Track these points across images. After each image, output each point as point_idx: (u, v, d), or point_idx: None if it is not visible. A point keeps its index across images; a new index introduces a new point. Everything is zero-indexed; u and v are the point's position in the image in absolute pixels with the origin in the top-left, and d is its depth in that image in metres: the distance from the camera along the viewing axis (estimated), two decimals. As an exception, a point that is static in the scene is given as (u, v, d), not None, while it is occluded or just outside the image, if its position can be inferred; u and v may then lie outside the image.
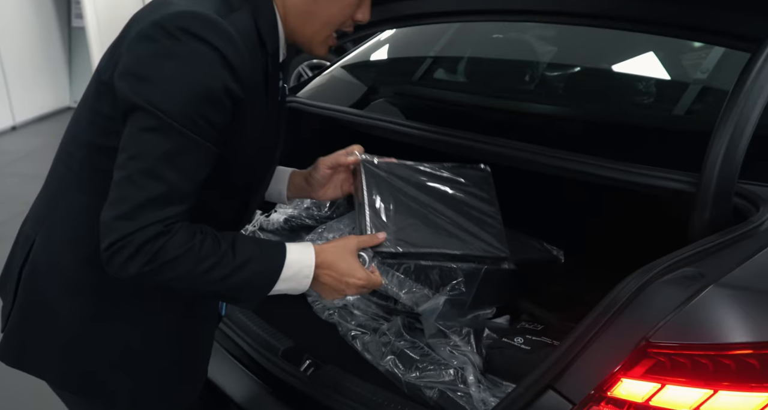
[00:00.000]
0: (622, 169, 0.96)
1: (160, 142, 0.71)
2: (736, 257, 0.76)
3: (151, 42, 0.71)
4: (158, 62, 0.71)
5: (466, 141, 1.16)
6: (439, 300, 1.12)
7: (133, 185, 0.71)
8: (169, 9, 0.73)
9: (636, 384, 0.70)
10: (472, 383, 1.01)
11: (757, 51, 0.84)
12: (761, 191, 0.86)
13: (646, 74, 1.37)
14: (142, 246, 0.71)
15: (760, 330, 0.70)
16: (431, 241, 1.02)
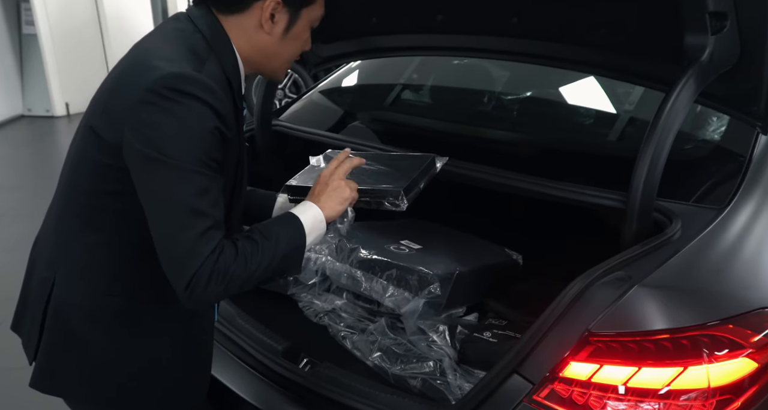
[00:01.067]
0: (565, 189, 1.16)
1: (187, 188, 0.82)
2: (655, 262, 0.95)
3: (151, 106, 0.82)
4: (163, 123, 0.82)
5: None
6: (418, 303, 1.29)
7: (183, 229, 0.81)
8: (156, 73, 0.82)
9: (581, 365, 0.88)
10: (449, 372, 1.18)
11: (669, 93, 1.03)
12: (674, 207, 1.06)
13: (587, 101, 1.58)
14: (210, 276, 0.81)
15: (673, 318, 0.89)
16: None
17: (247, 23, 0.92)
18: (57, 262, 0.96)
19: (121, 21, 6.52)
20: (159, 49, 0.88)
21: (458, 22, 1.40)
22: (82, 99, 6.02)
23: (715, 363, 0.85)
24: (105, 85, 0.93)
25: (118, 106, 0.85)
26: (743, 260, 0.98)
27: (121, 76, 0.89)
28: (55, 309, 0.95)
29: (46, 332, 0.96)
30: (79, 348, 0.95)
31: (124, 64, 0.92)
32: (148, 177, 0.83)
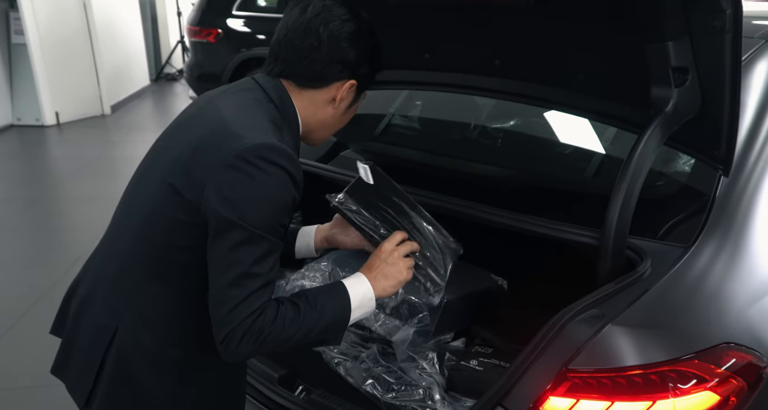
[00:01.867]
0: (544, 225, 1.23)
1: (253, 250, 0.88)
2: (627, 300, 1.02)
3: (237, 171, 0.87)
4: (246, 187, 0.87)
5: (421, 198, 1.41)
6: (408, 331, 1.36)
7: (236, 287, 0.87)
8: (244, 141, 0.88)
9: (559, 400, 0.95)
10: (438, 400, 1.24)
11: (638, 139, 1.11)
12: (644, 245, 1.13)
13: (566, 136, 1.66)
14: (244, 335, 0.87)
15: (643, 355, 0.96)
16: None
17: (319, 98, 1.01)
18: (120, 311, 0.98)
19: (111, 29, 6.53)
20: (241, 117, 0.94)
21: (444, 60, 1.47)
22: (72, 108, 6.05)
23: (681, 396, 0.93)
24: (175, 142, 0.99)
25: (201, 168, 0.90)
26: (707, 297, 1.06)
27: (202, 140, 0.93)
28: (117, 358, 0.98)
29: (106, 380, 0.99)
30: (138, 397, 0.99)
31: (201, 126, 0.96)
32: (219, 234, 0.88)
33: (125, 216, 1.03)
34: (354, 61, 1.00)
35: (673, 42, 1.05)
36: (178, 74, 8.24)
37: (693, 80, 1.07)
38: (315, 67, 0.98)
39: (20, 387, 2.21)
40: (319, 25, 0.97)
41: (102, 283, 1.03)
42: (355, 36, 0.98)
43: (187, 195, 0.92)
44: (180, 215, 0.93)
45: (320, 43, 0.97)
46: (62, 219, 3.93)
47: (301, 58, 0.98)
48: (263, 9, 5.61)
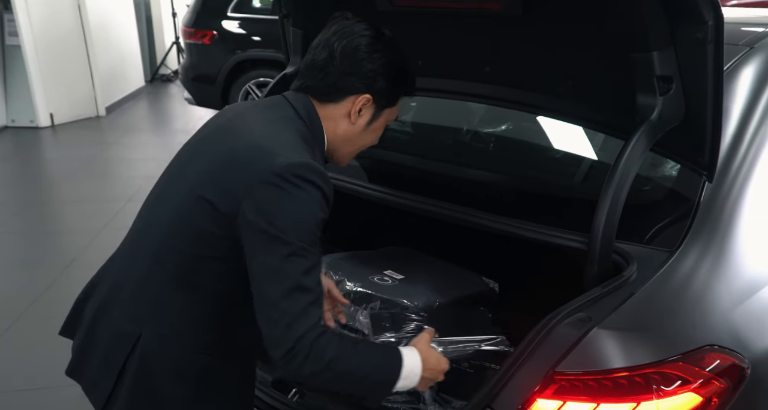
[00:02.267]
0: (534, 230, 1.25)
1: (299, 263, 0.90)
2: (613, 303, 1.04)
3: (276, 188, 0.90)
4: (285, 203, 0.90)
5: (417, 203, 1.43)
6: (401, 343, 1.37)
7: (288, 300, 0.88)
8: (281, 159, 0.91)
9: (547, 402, 0.97)
10: (429, 402, 1.27)
11: (624, 145, 1.13)
12: (631, 249, 1.16)
13: (556, 141, 1.68)
14: (311, 350, 0.88)
15: (629, 358, 0.98)
16: None
17: (337, 113, 1.05)
18: (145, 318, 1.00)
19: (106, 31, 6.52)
20: (274, 134, 0.98)
21: (435, 67, 1.49)
22: (67, 109, 6.05)
23: (665, 398, 0.95)
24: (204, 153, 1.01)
25: (238, 183, 0.93)
26: (691, 300, 1.08)
27: (235, 154, 0.96)
28: (140, 364, 0.99)
29: (128, 385, 0.99)
30: (159, 402, 1.00)
31: (232, 140, 0.99)
32: (262, 250, 0.90)
33: (150, 224, 1.04)
34: (367, 74, 1.02)
35: (657, 52, 1.07)
36: (173, 75, 8.23)
37: (677, 89, 1.09)
38: (329, 80, 1.02)
39: (15, 390, 2.22)
40: (336, 40, 1.01)
41: (124, 288, 1.04)
42: (370, 50, 1.01)
43: (222, 208, 0.94)
44: (212, 227, 0.95)
45: (334, 56, 1.01)
46: (57, 222, 3.93)
47: (318, 71, 1.02)
48: (258, 11, 5.61)
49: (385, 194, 1.48)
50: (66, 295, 3.07)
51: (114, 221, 3.70)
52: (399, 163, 1.73)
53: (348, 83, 1.02)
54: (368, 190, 1.51)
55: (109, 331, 1.03)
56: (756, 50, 1.42)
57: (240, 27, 5.50)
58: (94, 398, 1.05)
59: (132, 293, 1.03)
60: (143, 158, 5.10)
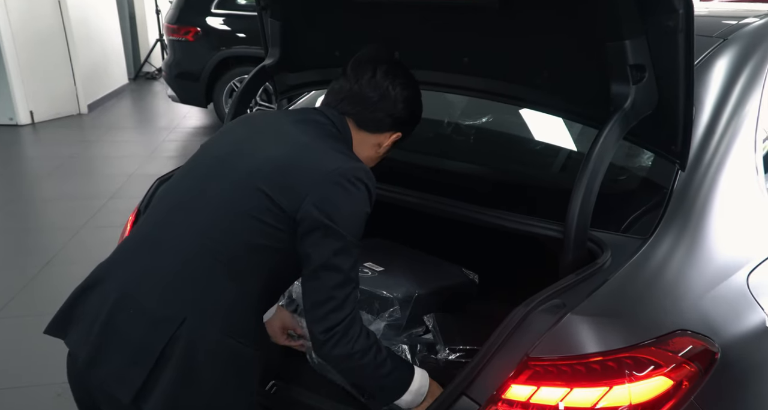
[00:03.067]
0: (511, 219, 1.26)
1: (350, 256, 1.05)
2: (587, 290, 1.05)
3: (338, 187, 1.05)
4: (344, 202, 1.05)
5: (398, 195, 1.44)
6: (379, 325, 1.38)
7: (340, 289, 1.03)
8: (342, 163, 1.07)
9: (521, 388, 0.98)
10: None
11: (598, 134, 1.14)
12: (605, 237, 1.17)
13: (535, 133, 1.69)
14: (348, 330, 1.03)
15: (602, 343, 1.00)
16: None
17: (370, 141, 1.22)
18: (185, 303, 1.04)
19: (87, 27, 6.43)
20: (330, 143, 1.13)
21: (414, 59, 1.49)
22: (48, 107, 5.95)
23: (636, 382, 0.96)
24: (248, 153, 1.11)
25: (302, 182, 1.05)
26: (663, 287, 1.09)
27: (298, 158, 1.09)
28: (183, 349, 1.02)
29: (169, 370, 1.01)
30: (197, 386, 1.04)
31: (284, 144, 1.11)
32: (320, 243, 1.03)
33: (186, 215, 1.10)
34: (405, 119, 1.22)
35: (630, 40, 1.08)
36: (157, 73, 8.15)
37: (650, 77, 1.11)
38: (378, 116, 1.19)
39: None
40: (389, 83, 1.19)
41: (154, 279, 1.06)
42: (410, 99, 1.22)
43: (282, 202, 1.04)
44: (270, 220, 1.05)
45: (389, 97, 1.18)
46: (38, 219, 3.87)
47: (369, 105, 1.18)
48: (242, 7, 5.57)
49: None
50: (45, 292, 3.04)
51: (95, 219, 3.65)
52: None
53: (388, 122, 1.20)
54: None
55: (140, 321, 1.04)
56: (729, 42, 1.44)
57: (224, 24, 5.46)
58: (121, 389, 1.03)
59: (171, 281, 1.06)
60: (126, 156, 5.04)
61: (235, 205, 1.06)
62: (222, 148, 1.16)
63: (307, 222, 1.03)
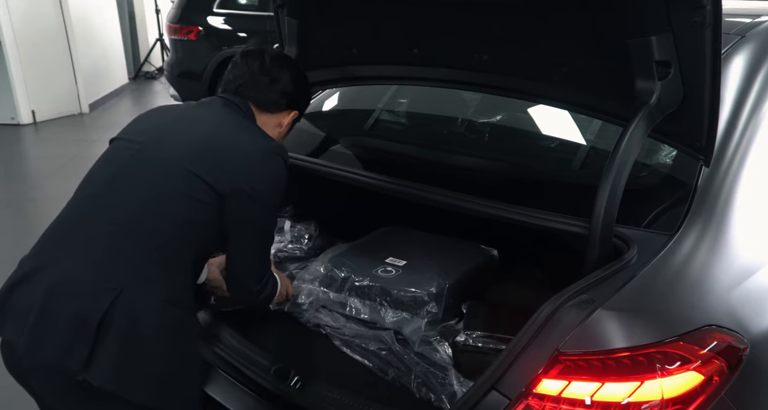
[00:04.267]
0: (534, 215, 1.26)
1: (272, 221, 1.28)
2: (615, 285, 1.05)
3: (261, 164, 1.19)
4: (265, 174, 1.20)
5: (410, 189, 1.44)
6: (420, 323, 1.37)
7: (263, 247, 1.27)
8: (261, 142, 1.23)
9: (552, 382, 0.97)
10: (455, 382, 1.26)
11: (623, 131, 1.14)
12: (631, 233, 1.17)
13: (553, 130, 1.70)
14: (268, 282, 1.29)
15: (631, 338, 1.00)
16: None
17: (271, 121, 1.34)
18: (121, 276, 1.10)
19: (88, 26, 6.41)
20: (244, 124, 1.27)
21: (432, 56, 1.49)
22: (49, 106, 5.93)
23: (668, 376, 0.96)
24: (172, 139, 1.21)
25: (227, 161, 1.17)
26: (690, 282, 1.10)
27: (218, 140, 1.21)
28: (124, 317, 1.07)
29: (114, 338, 1.06)
30: (144, 354, 1.09)
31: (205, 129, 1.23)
32: (248, 212, 1.18)
33: (116, 197, 1.16)
34: (298, 97, 1.37)
35: (656, 36, 1.08)
36: (157, 72, 8.12)
37: (675, 73, 1.11)
38: (273, 97, 1.32)
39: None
40: (277, 70, 1.32)
41: (89, 257, 1.11)
42: (298, 79, 1.36)
43: (209, 180, 1.15)
44: (199, 194, 1.15)
45: (277, 81, 1.32)
46: (41, 219, 3.83)
47: (264, 88, 1.32)
48: (244, 7, 5.57)
49: (387, 183, 1.48)
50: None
51: (101, 218, 3.64)
52: (393, 152, 1.74)
53: (286, 102, 1.34)
54: (371, 180, 1.51)
55: (75, 299, 1.08)
56: (747, 39, 1.44)
57: (225, 23, 5.44)
58: (71, 362, 1.05)
59: (105, 258, 1.11)
60: (129, 155, 5.02)
61: (166, 185, 1.15)
62: (143, 135, 1.25)
63: (235, 196, 1.16)
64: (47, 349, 1.07)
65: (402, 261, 1.52)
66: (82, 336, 1.05)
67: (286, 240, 1.73)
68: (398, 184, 1.47)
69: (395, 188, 1.46)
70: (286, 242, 1.73)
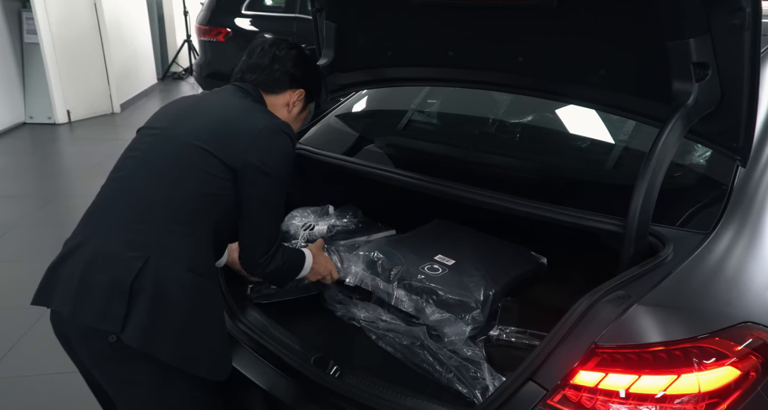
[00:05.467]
0: (569, 214, 1.29)
1: (281, 194, 1.34)
2: (651, 282, 1.07)
3: (269, 140, 1.29)
4: (275, 150, 1.30)
5: (445, 188, 1.47)
6: (465, 329, 1.38)
7: (275, 219, 1.36)
8: (268, 121, 1.32)
9: (589, 374, 1.01)
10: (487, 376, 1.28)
11: (660, 132, 1.17)
12: (666, 232, 1.19)
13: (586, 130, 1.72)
14: (276, 252, 1.36)
15: (667, 332, 1.02)
16: None
17: (278, 101, 1.44)
18: (148, 246, 1.21)
19: (120, 29, 6.59)
20: (255, 107, 1.38)
21: (467, 58, 1.53)
22: (83, 106, 6.12)
23: (705, 371, 0.99)
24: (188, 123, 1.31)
25: (239, 140, 1.28)
26: (726, 280, 1.12)
27: (230, 121, 1.31)
28: (153, 281, 1.18)
29: (145, 299, 1.17)
30: (172, 314, 1.20)
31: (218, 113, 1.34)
32: (259, 186, 1.29)
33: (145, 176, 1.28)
34: (300, 75, 1.44)
35: (694, 39, 1.10)
36: (184, 73, 8.30)
37: (713, 75, 1.13)
38: (275, 75, 1.42)
39: (51, 373, 2.28)
40: (275, 50, 1.43)
41: (120, 231, 1.23)
42: (297, 57, 1.44)
43: (227, 159, 1.26)
44: (216, 172, 1.25)
45: (276, 60, 1.42)
46: (80, 213, 3.98)
47: (265, 69, 1.42)
48: (271, 8, 5.67)
49: (422, 181, 1.52)
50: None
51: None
52: (426, 152, 1.78)
53: (288, 80, 1.42)
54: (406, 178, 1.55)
55: (109, 267, 1.19)
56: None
57: (253, 24, 5.54)
58: (109, 323, 1.16)
59: (132, 230, 1.22)
60: (160, 154, 5.15)
61: (183, 164, 1.26)
62: (162, 121, 1.36)
63: (248, 171, 1.26)
64: (88, 313, 1.18)
65: (451, 261, 1.54)
66: (118, 300, 1.16)
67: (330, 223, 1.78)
68: (432, 182, 1.50)
69: (429, 186, 1.50)
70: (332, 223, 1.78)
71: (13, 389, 2.24)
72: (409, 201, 1.73)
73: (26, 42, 5.69)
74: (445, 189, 1.48)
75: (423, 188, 1.52)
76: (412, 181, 1.54)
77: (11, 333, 2.55)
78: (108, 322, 1.16)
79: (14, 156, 5.05)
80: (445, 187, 1.47)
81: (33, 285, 1.29)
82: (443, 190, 1.48)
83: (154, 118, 1.41)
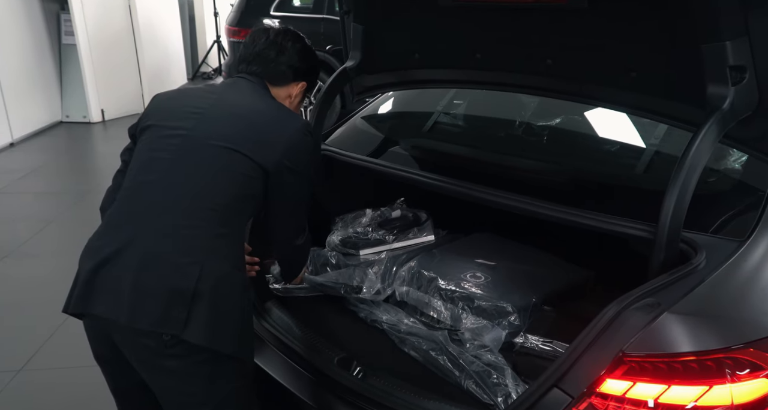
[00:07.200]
0: (598, 219, 1.27)
1: (309, 189, 1.42)
2: (683, 290, 1.05)
3: (299, 141, 1.34)
4: (304, 150, 1.36)
5: (470, 190, 1.46)
6: (501, 334, 1.38)
7: (302, 212, 1.44)
8: (295, 121, 1.35)
9: (616, 382, 0.99)
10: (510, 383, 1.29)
11: (694, 136, 1.14)
12: (699, 238, 1.17)
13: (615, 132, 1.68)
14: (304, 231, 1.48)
15: (699, 342, 1.00)
16: None
17: (282, 94, 1.45)
18: (198, 250, 1.23)
19: (153, 30, 6.73)
20: (274, 104, 1.40)
21: (495, 61, 1.52)
22: (117, 105, 6.28)
23: (738, 382, 0.96)
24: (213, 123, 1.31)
25: (271, 141, 1.31)
26: (762, 288, 1.08)
27: (257, 123, 1.33)
28: (211, 285, 1.21)
29: (204, 303, 1.20)
30: (225, 313, 1.25)
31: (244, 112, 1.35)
32: (291, 184, 1.34)
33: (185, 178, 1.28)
34: (304, 68, 1.46)
35: (731, 41, 1.07)
36: (213, 73, 8.43)
37: (750, 78, 1.10)
38: (281, 68, 1.42)
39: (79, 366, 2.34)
40: (280, 41, 1.43)
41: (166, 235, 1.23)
42: (303, 50, 1.45)
43: (256, 158, 1.28)
44: (244, 169, 1.28)
45: (282, 53, 1.42)
46: (111, 212, 4.10)
47: (271, 62, 1.42)
48: (299, 9, 5.73)
49: (449, 184, 1.52)
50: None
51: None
52: (452, 154, 1.77)
53: (292, 73, 1.44)
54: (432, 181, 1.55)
55: (164, 272, 1.21)
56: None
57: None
58: (169, 326, 1.18)
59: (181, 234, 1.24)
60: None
61: (219, 167, 1.27)
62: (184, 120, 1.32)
63: (281, 172, 1.31)
64: (146, 319, 1.18)
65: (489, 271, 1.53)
66: (179, 304, 1.19)
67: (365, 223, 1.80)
68: (457, 185, 1.50)
69: (455, 189, 1.50)
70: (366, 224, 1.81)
71: (53, 380, 2.31)
72: (436, 203, 1.72)
73: (64, 43, 5.87)
74: (469, 192, 1.47)
75: (448, 191, 1.51)
76: (437, 184, 1.54)
77: (50, 323, 2.64)
78: (169, 326, 1.18)
79: (51, 154, 5.22)
80: (470, 190, 1.47)
81: (69, 278, 1.29)
82: (468, 193, 1.47)
83: (163, 114, 1.36)
